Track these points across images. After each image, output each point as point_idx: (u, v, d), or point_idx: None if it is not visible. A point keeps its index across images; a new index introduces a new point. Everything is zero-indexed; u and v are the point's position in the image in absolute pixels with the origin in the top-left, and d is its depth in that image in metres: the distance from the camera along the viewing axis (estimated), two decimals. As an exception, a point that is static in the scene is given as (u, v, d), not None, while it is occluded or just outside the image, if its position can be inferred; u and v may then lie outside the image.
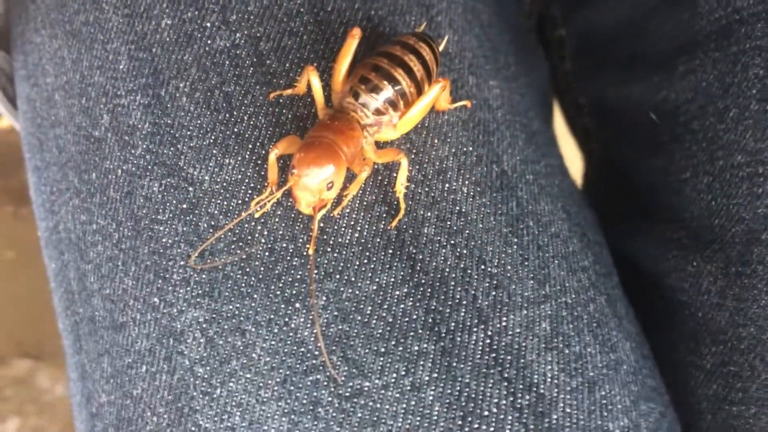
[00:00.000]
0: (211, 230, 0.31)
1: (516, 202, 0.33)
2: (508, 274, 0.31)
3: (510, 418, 0.29)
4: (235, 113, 0.33)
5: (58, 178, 0.36)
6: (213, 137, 0.32)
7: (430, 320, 0.30)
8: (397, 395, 0.29)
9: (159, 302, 0.31)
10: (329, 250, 0.30)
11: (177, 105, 0.33)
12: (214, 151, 0.32)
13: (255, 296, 0.30)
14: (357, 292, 0.30)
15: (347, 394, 0.28)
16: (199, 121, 0.33)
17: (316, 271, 0.30)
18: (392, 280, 0.30)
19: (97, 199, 0.34)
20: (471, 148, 0.34)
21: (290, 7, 0.35)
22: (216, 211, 0.31)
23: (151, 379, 0.31)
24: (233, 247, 0.31)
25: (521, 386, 0.29)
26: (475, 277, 0.31)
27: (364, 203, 0.31)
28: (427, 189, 0.32)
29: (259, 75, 0.33)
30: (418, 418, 0.28)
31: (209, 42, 0.34)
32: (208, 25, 0.34)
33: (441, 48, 0.35)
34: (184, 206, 0.32)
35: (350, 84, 0.31)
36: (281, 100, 0.33)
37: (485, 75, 0.37)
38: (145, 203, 0.32)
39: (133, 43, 0.34)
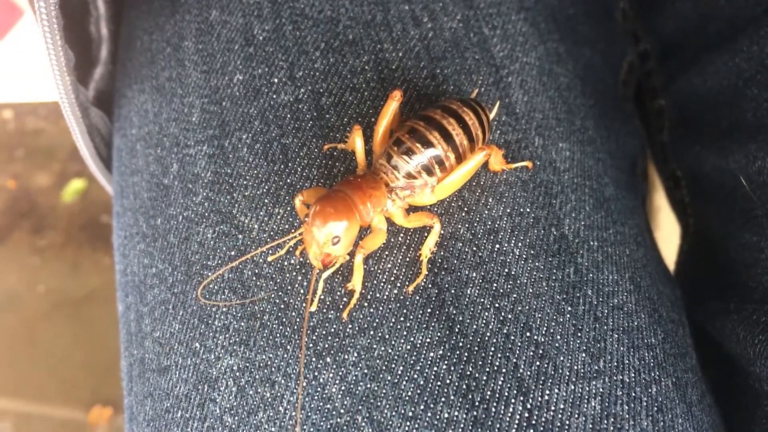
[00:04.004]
0: (254, 278, 0.31)
1: (574, 269, 0.31)
2: (557, 344, 0.29)
3: None
4: (290, 164, 0.33)
5: (130, 223, 0.38)
6: (266, 187, 0.33)
7: (464, 386, 0.28)
8: None
9: (200, 347, 0.31)
10: (366, 305, 0.30)
11: (238, 156, 0.34)
12: (266, 201, 0.32)
13: (288, 347, 0.29)
14: (390, 351, 0.29)
15: None
16: (255, 171, 0.33)
17: (350, 326, 0.29)
18: (428, 340, 0.29)
19: (159, 244, 0.35)
20: (528, 210, 0.32)
21: (355, 64, 0.35)
22: (261, 260, 0.31)
23: (185, 426, 0.31)
24: (273, 296, 0.30)
25: None
26: (519, 344, 0.29)
27: (407, 259, 0.30)
28: (474, 248, 0.31)
29: (317, 128, 0.34)
30: None
31: (274, 96, 0.35)
32: (276, 80, 0.35)
33: (493, 114, 0.34)
34: (233, 253, 0.32)
35: (386, 146, 0.31)
36: (335, 153, 0.33)
37: (554, 137, 0.35)
38: (198, 249, 0.33)
39: (206, 97, 0.36)
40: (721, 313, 0.38)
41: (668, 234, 0.53)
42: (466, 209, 0.32)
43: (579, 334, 0.30)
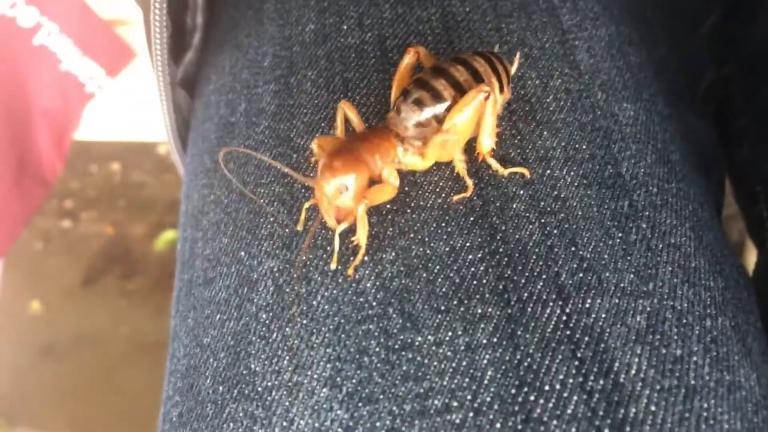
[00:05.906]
0: (302, 191, 0.32)
1: (629, 203, 0.30)
2: (603, 262, 0.28)
3: (576, 398, 0.24)
4: (349, 93, 0.34)
5: (196, 165, 0.39)
6: (324, 113, 0.34)
7: (501, 287, 0.27)
8: (449, 353, 0.26)
9: (245, 255, 0.32)
10: (408, 210, 0.29)
11: (301, 89, 0.35)
12: (323, 125, 0.33)
13: (328, 248, 0.29)
14: (428, 251, 0.28)
15: (396, 346, 0.26)
16: (316, 101, 0.34)
17: (390, 229, 0.29)
18: (467, 244, 0.28)
19: (219, 173, 0.36)
20: (585, 147, 0.32)
21: (422, 15, 0.36)
22: (311, 176, 0.32)
23: (221, 327, 0.31)
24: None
25: (595, 369, 0.25)
26: (562, 255, 0.28)
27: (455, 173, 0.30)
28: None
29: (379, 64, 0.35)
30: (467, 380, 0.25)
31: (342, 40, 0.36)
32: (345, 27, 0.37)
33: (514, 68, 0.33)
34: (285, 170, 0.33)
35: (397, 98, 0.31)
36: (392, 83, 0.34)
37: (619, 96, 0.35)
38: (254, 171, 0.34)
39: (279, 45, 0.38)
40: None
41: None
42: (519, 137, 0.31)
43: (629, 258, 0.28)
